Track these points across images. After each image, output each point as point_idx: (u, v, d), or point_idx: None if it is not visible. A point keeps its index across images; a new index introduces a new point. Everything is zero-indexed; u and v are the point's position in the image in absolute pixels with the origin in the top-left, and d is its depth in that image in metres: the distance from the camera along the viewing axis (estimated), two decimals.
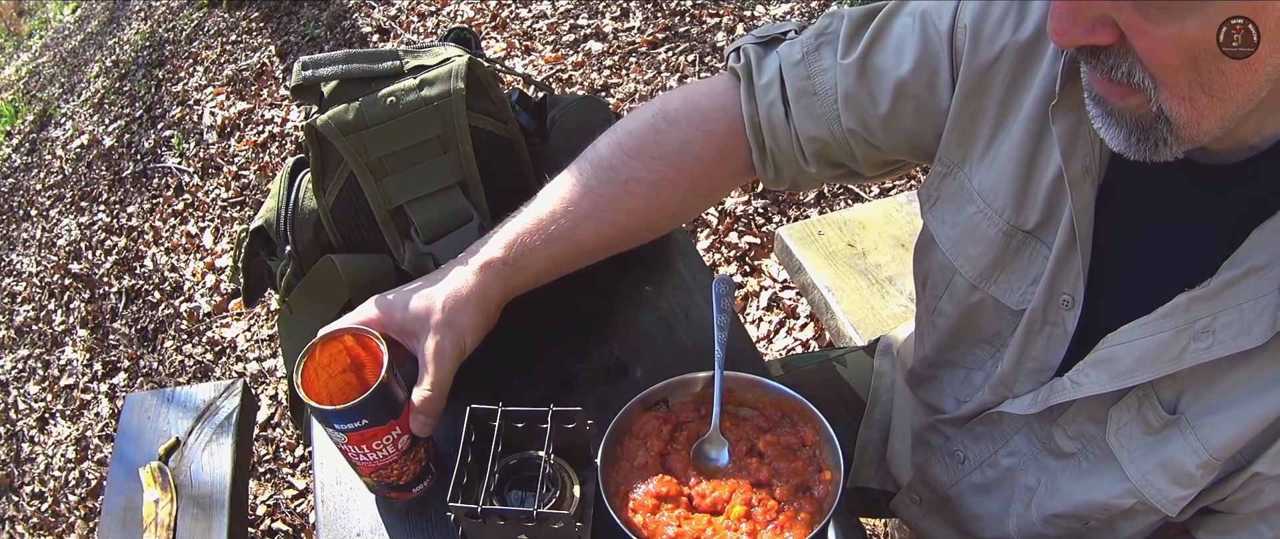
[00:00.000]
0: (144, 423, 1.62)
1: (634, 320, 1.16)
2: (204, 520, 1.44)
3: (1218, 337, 0.66)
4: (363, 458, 0.87)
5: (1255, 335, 0.64)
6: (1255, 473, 0.70)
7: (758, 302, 2.44)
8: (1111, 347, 0.73)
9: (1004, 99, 0.80)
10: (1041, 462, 0.86)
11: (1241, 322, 0.65)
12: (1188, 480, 0.72)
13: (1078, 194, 0.73)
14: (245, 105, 3.89)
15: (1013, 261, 0.82)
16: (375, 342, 0.87)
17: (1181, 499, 0.74)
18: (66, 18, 6.30)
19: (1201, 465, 0.71)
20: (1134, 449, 0.75)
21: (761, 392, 0.93)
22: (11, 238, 3.83)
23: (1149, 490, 0.75)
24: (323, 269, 1.13)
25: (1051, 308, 0.79)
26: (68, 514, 2.49)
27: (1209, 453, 0.70)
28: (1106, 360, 0.74)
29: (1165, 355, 0.69)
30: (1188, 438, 0.71)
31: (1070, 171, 0.73)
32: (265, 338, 2.81)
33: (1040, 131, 0.77)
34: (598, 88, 3.28)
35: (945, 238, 0.88)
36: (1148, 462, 0.74)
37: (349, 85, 1.05)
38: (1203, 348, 0.67)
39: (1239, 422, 0.68)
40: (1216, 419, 0.69)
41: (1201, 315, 0.67)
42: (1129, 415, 0.75)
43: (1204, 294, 0.66)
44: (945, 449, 0.98)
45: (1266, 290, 0.63)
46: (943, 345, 0.96)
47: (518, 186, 1.13)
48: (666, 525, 0.82)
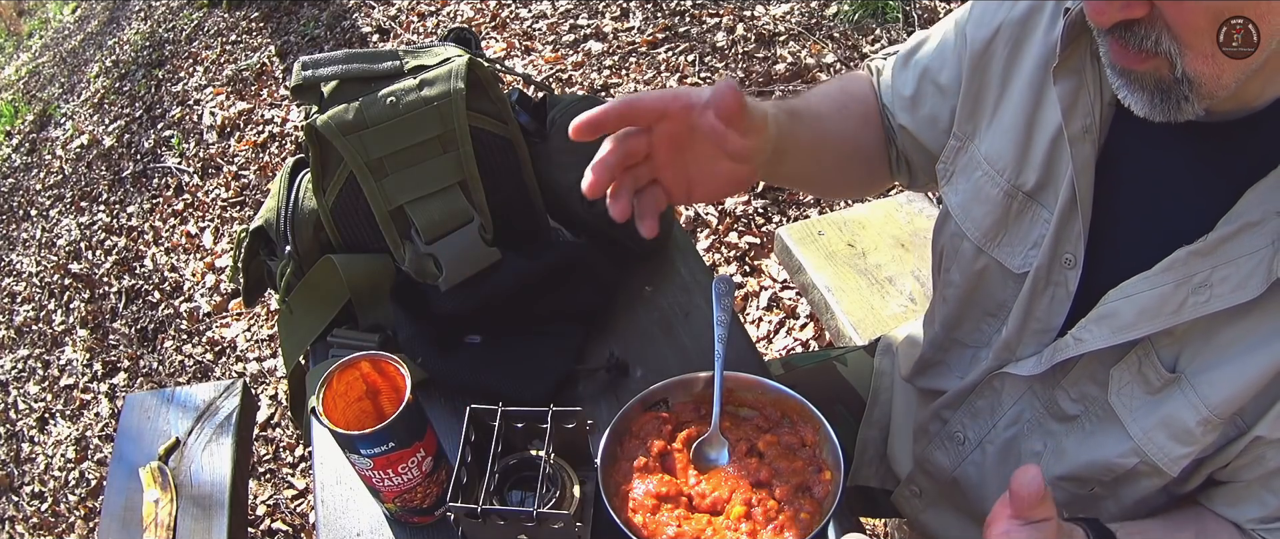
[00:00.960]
0: (144, 423, 1.62)
1: (634, 320, 1.16)
2: (204, 520, 1.44)
3: (1215, 290, 0.68)
4: (388, 483, 0.87)
5: (1251, 288, 0.66)
6: (1257, 437, 0.71)
7: (758, 302, 2.44)
8: (1113, 302, 0.75)
9: (1005, 70, 0.84)
10: (1046, 426, 0.88)
11: (1238, 275, 0.67)
12: (1189, 438, 0.73)
13: (1078, 153, 0.75)
14: (245, 105, 3.89)
15: (1015, 224, 0.85)
16: (393, 365, 0.87)
17: (1183, 457, 0.75)
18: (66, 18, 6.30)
19: (1202, 422, 0.72)
20: (1136, 408, 0.77)
21: (761, 392, 0.93)
22: (11, 238, 3.83)
23: (1151, 449, 0.76)
24: (323, 269, 1.13)
25: (1054, 268, 0.81)
26: (68, 514, 2.49)
27: (1209, 409, 0.71)
28: (1108, 316, 0.75)
29: (1165, 309, 0.71)
30: (1188, 395, 0.72)
31: (1070, 130, 0.75)
32: (265, 338, 2.80)
33: (1039, 94, 0.81)
34: (598, 88, 3.28)
35: (955, 205, 0.91)
36: (1150, 420, 0.76)
37: (349, 85, 1.05)
38: (1201, 301, 0.68)
39: (1238, 377, 0.69)
40: (1215, 375, 0.71)
41: (1199, 270, 0.68)
42: (1130, 375, 0.77)
43: (1201, 249, 0.68)
44: (944, 434, 1.00)
45: (1261, 245, 0.66)
46: (950, 322, 0.98)
47: (518, 186, 1.13)
48: (666, 525, 0.82)
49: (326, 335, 1.14)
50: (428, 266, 1.08)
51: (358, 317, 1.15)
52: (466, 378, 1.05)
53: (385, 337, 1.12)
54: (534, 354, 1.09)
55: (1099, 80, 0.74)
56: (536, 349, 1.09)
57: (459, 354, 1.10)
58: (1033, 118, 0.82)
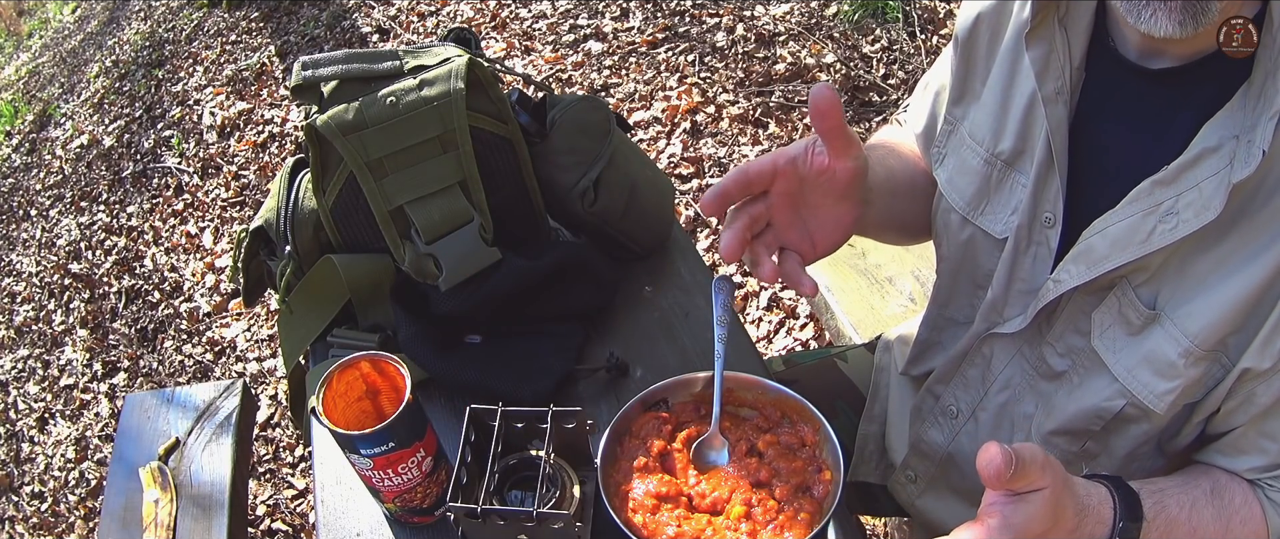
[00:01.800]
0: (144, 423, 1.63)
1: (634, 320, 1.16)
2: (204, 520, 1.44)
3: (1181, 216, 0.70)
4: (388, 483, 0.87)
5: (1213, 208, 0.68)
6: (1244, 370, 0.72)
7: (758, 302, 2.44)
8: (1087, 239, 0.78)
9: (987, 53, 0.89)
10: (1036, 387, 0.90)
11: (1201, 198, 0.69)
12: (1172, 371, 0.75)
13: (1052, 113, 0.79)
14: (245, 105, 3.89)
15: (996, 193, 0.89)
16: (393, 365, 0.87)
17: (1168, 393, 0.76)
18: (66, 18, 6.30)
19: (1183, 353, 0.74)
20: (1119, 349, 0.79)
21: (761, 392, 0.93)
22: (11, 238, 3.83)
23: (1136, 386, 0.78)
24: (323, 269, 1.13)
25: (1035, 228, 0.84)
26: (68, 514, 2.49)
27: (1190, 340, 0.73)
28: (1083, 253, 0.78)
29: (1134, 238, 0.73)
30: (1168, 329, 0.74)
31: (1044, 92, 0.79)
32: (265, 338, 2.80)
33: (1014, 63, 0.85)
34: (598, 88, 3.28)
35: (943, 181, 0.94)
36: (1133, 358, 0.78)
37: (349, 85, 1.05)
38: (1168, 229, 0.71)
39: (1214, 306, 0.71)
40: (1192, 306, 0.73)
41: (1164, 198, 0.71)
42: (1111, 317, 0.79)
43: (1164, 177, 0.72)
44: (937, 409, 1.01)
45: (1219, 166, 0.68)
46: (943, 297, 1.01)
47: (518, 186, 1.13)
48: (666, 525, 0.82)
49: (326, 335, 1.14)
50: (428, 266, 1.08)
51: (358, 317, 1.15)
52: (466, 378, 1.05)
53: (385, 337, 1.12)
54: (534, 354, 1.08)
55: (1068, 44, 0.78)
56: (536, 349, 1.09)
57: (459, 354, 1.10)
58: (1008, 88, 0.86)
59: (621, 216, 1.17)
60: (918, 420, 1.05)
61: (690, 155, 2.88)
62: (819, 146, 0.75)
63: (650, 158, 1.31)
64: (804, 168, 0.76)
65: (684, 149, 2.91)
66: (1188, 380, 0.75)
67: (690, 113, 3.03)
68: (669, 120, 3.04)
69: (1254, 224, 0.69)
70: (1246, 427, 0.77)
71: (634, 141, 1.25)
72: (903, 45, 3.02)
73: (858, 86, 2.94)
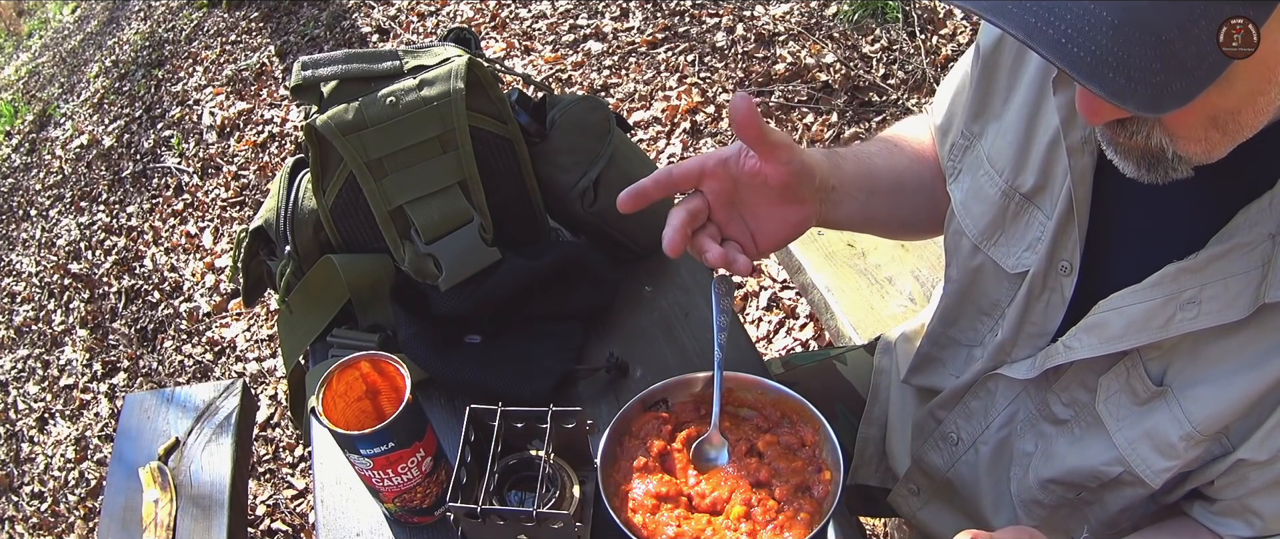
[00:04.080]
0: (144, 423, 1.62)
1: (634, 320, 1.16)
2: (203, 520, 1.44)
3: (1203, 308, 0.68)
4: (387, 483, 0.87)
5: (1238, 309, 0.67)
6: (1240, 460, 0.72)
7: (757, 302, 2.44)
8: (1102, 312, 0.76)
9: (1011, 74, 0.86)
10: (1038, 428, 0.89)
11: (1226, 295, 0.67)
12: (1171, 451, 0.74)
13: (1076, 163, 0.77)
14: (245, 105, 3.89)
15: (1011, 225, 0.86)
16: (393, 365, 0.87)
17: (1165, 471, 0.76)
18: (66, 18, 6.30)
19: (1184, 437, 0.73)
20: (1121, 418, 0.78)
21: (761, 392, 0.93)
22: (11, 238, 3.83)
23: (1134, 459, 0.77)
24: (322, 269, 1.13)
25: (1051, 274, 0.82)
26: (67, 514, 2.49)
27: (1193, 425, 0.72)
28: (1097, 326, 0.76)
29: (1152, 323, 0.72)
30: (1172, 409, 0.73)
31: (1069, 141, 0.77)
32: (265, 338, 2.80)
33: (1039, 97, 0.82)
34: (597, 88, 3.28)
35: (958, 202, 0.93)
36: (1134, 430, 0.77)
37: (349, 85, 1.05)
38: (1188, 318, 0.69)
39: (1222, 397, 0.70)
40: (1200, 392, 0.72)
41: (1188, 286, 0.69)
42: (1118, 385, 0.78)
43: (1191, 266, 0.69)
44: (938, 434, 1.00)
45: (1251, 266, 0.66)
46: (948, 317, 0.99)
47: (518, 186, 1.13)
48: (666, 525, 0.82)
49: (326, 335, 1.14)
50: (428, 267, 1.08)
51: (358, 317, 1.15)
52: (466, 378, 1.05)
53: (385, 337, 1.12)
54: (534, 354, 1.08)
55: None
56: (536, 349, 1.09)
57: (459, 354, 1.10)
58: (1033, 121, 0.83)
59: (621, 217, 1.17)
60: (919, 437, 1.05)
61: (690, 155, 2.88)
62: (749, 150, 0.77)
63: (650, 158, 1.31)
64: (736, 169, 0.79)
65: (684, 149, 2.91)
66: (1186, 461, 0.74)
67: (690, 113, 3.03)
68: (669, 120, 3.04)
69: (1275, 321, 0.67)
70: (1235, 501, 0.76)
71: (634, 141, 1.25)
72: (903, 45, 3.02)
73: (858, 86, 2.94)
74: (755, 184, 0.79)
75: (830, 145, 2.79)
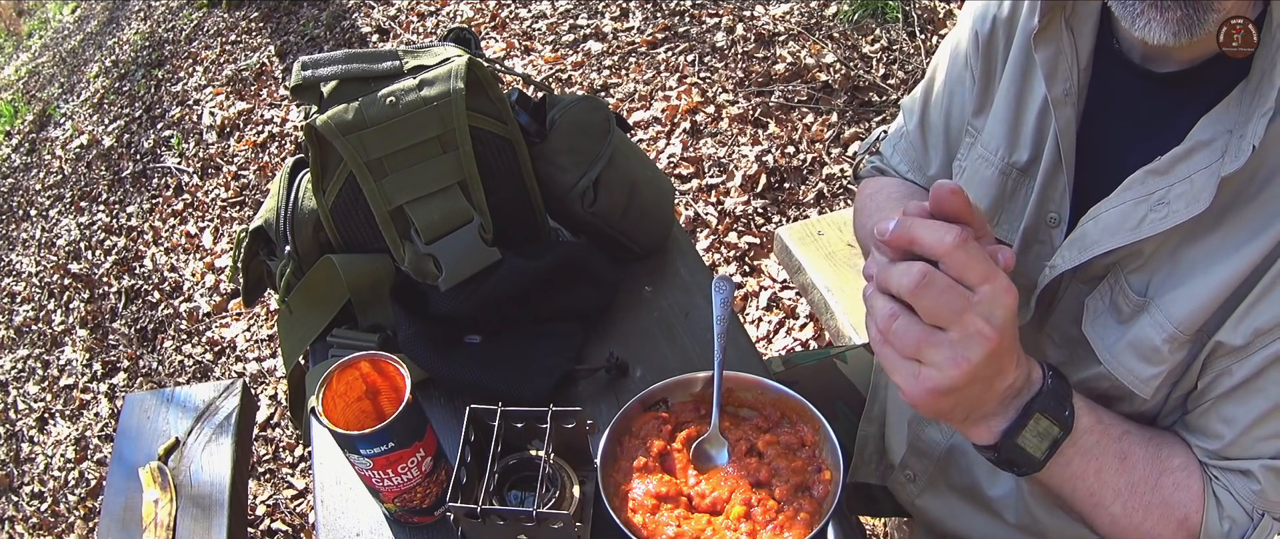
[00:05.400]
0: (143, 423, 1.62)
1: (634, 320, 1.16)
2: (203, 520, 1.44)
3: (1172, 206, 0.71)
4: (387, 483, 0.87)
5: (1203, 200, 0.69)
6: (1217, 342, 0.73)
7: (757, 302, 2.44)
8: (1081, 226, 0.79)
9: (1002, 62, 0.90)
10: None
11: (1192, 190, 0.70)
12: (1156, 357, 0.76)
13: (1060, 114, 0.80)
14: (245, 105, 3.89)
15: (1010, 202, 0.89)
16: (393, 365, 0.87)
17: (1152, 378, 0.77)
18: (66, 18, 6.30)
19: (1167, 339, 0.74)
20: (1107, 334, 0.80)
21: (761, 392, 0.93)
22: (11, 238, 3.83)
23: (1120, 371, 0.79)
24: (322, 269, 1.13)
25: (1040, 227, 0.85)
26: (67, 514, 2.49)
27: (1174, 325, 0.74)
28: (1077, 239, 0.79)
29: (1125, 224, 0.74)
30: (1154, 315, 0.75)
31: (1053, 94, 0.80)
32: (265, 338, 2.80)
33: (1024, 72, 0.86)
34: (597, 88, 3.28)
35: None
36: (1119, 343, 0.78)
37: (349, 85, 1.05)
38: (1159, 218, 0.72)
39: (1199, 293, 0.72)
40: (1178, 293, 0.74)
41: (1157, 187, 0.73)
42: (1103, 304, 0.80)
43: (1158, 168, 0.73)
44: None
45: (1212, 160, 0.70)
46: None
47: (518, 186, 1.13)
48: (666, 525, 0.82)
49: (326, 335, 1.14)
50: (427, 266, 1.08)
51: (357, 317, 1.15)
52: (466, 378, 1.05)
53: (385, 337, 1.12)
54: (534, 354, 1.08)
55: (1075, 46, 0.79)
56: (536, 349, 1.09)
57: (459, 354, 1.09)
58: (1022, 96, 0.87)
59: (621, 217, 1.17)
60: (916, 420, 1.06)
61: (690, 155, 2.88)
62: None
63: (650, 158, 1.31)
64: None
65: (684, 149, 2.91)
66: (1171, 365, 0.76)
67: (690, 113, 3.03)
68: (669, 120, 3.04)
69: (1243, 216, 0.70)
70: (1208, 405, 0.77)
71: (634, 141, 1.25)
72: (902, 45, 3.02)
73: (858, 86, 2.95)
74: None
75: (830, 145, 2.80)
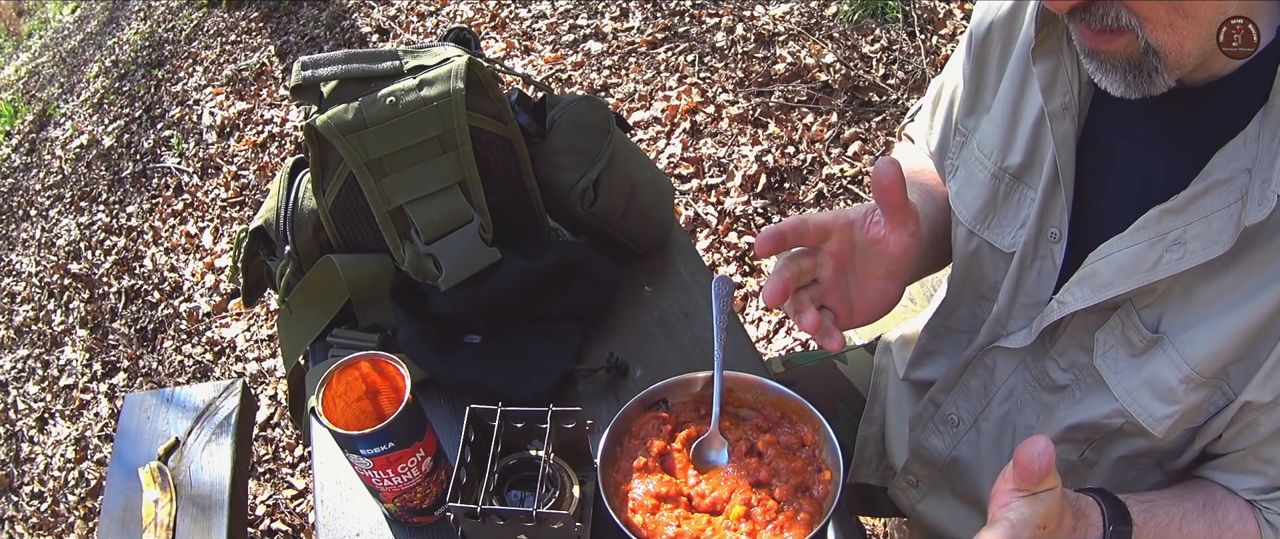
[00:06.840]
0: (143, 423, 1.62)
1: (634, 320, 1.16)
2: (203, 520, 1.44)
3: (1188, 247, 0.70)
4: (387, 483, 0.87)
5: (1222, 242, 0.68)
6: (1246, 403, 0.72)
7: (757, 302, 2.44)
8: (1092, 264, 0.77)
9: (998, 65, 0.89)
10: (1038, 398, 0.90)
11: (1210, 231, 0.69)
12: (1172, 396, 0.75)
13: (1058, 128, 0.79)
14: (245, 105, 3.89)
15: (1003, 206, 0.88)
16: (393, 365, 0.87)
17: (1167, 418, 0.76)
18: (66, 18, 6.30)
19: (1183, 380, 0.73)
20: (1120, 370, 0.79)
21: (761, 392, 0.93)
22: (11, 238, 3.83)
23: (1135, 408, 0.78)
24: (322, 269, 1.13)
25: (1041, 242, 0.84)
26: (67, 514, 2.49)
27: (1190, 367, 0.73)
28: (1088, 276, 0.78)
29: (1140, 266, 0.73)
30: (1170, 353, 0.74)
31: (1050, 107, 0.79)
32: (265, 338, 2.80)
33: (1023, 79, 0.85)
34: (597, 88, 3.28)
35: (953, 195, 0.94)
36: (1134, 380, 0.77)
37: (349, 85, 1.05)
38: (1175, 259, 0.71)
39: (1216, 334, 0.71)
40: (1194, 333, 0.72)
41: (1172, 227, 0.71)
42: (1114, 338, 0.79)
43: (1174, 207, 0.71)
44: (938, 417, 1.01)
45: (1231, 200, 0.68)
46: (946, 307, 1.01)
47: (517, 186, 1.13)
48: (666, 525, 0.82)
49: (326, 335, 1.14)
50: (427, 266, 1.08)
51: (357, 317, 1.15)
52: (466, 378, 1.05)
53: (385, 337, 1.12)
54: (534, 354, 1.08)
55: (1075, 59, 0.77)
56: (536, 349, 1.09)
57: (459, 354, 1.09)
58: (1018, 103, 0.86)
59: (621, 217, 1.17)
60: (918, 427, 1.05)
61: (690, 155, 2.88)
62: (877, 215, 0.75)
63: (650, 158, 1.31)
64: (860, 233, 0.76)
65: (684, 149, 2.91)
66: (1187, 406, 0.75)
67: (690, 113, 3.03)
68: (669, 120, 3.04)
69: (1259, 257, 0.68)
70: (1244, 452, 0.77)
71: (634, 141, 1.25)
72: (902, 45, 3.02)
73: (857, 86, 2.94)
74: (873, 251, 0.77)
75: (830, 145, 2.79)
